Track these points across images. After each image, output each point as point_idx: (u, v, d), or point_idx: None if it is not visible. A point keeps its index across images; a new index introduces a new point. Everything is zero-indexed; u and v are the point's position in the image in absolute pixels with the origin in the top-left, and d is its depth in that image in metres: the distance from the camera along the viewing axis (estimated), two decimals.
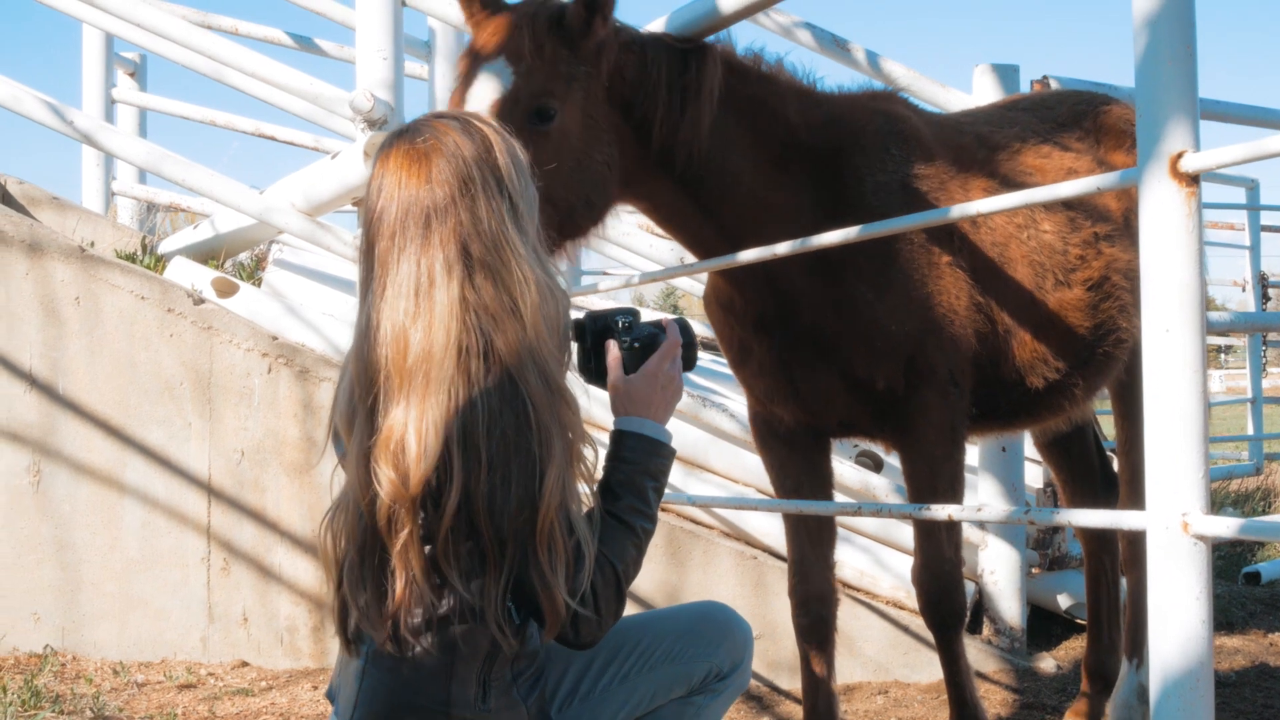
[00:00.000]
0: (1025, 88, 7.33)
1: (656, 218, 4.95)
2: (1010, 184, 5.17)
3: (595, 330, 3.70)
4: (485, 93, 4.27)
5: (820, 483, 5.35)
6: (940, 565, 5.11)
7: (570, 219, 4.40)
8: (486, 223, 3.30)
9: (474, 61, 4.37)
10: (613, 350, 3.67)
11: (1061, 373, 5.28)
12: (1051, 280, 5.17)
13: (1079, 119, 5.80)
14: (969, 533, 7.59)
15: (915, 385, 4.85)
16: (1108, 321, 5.36)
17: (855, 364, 4.83)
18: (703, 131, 4.59)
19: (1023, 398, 5.31)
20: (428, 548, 3.25)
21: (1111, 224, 5.40)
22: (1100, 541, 6.48)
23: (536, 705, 3.55)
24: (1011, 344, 5.10)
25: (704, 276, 5.86)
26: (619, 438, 3.58)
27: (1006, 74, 7.48)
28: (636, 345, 3.67)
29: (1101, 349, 5.40)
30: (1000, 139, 5.41)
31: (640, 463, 3.53)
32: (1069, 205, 5.30)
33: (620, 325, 3.69)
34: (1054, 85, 7.26)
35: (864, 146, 4.89)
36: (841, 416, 5.10)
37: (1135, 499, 6.06)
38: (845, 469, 7.53)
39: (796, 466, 5.31)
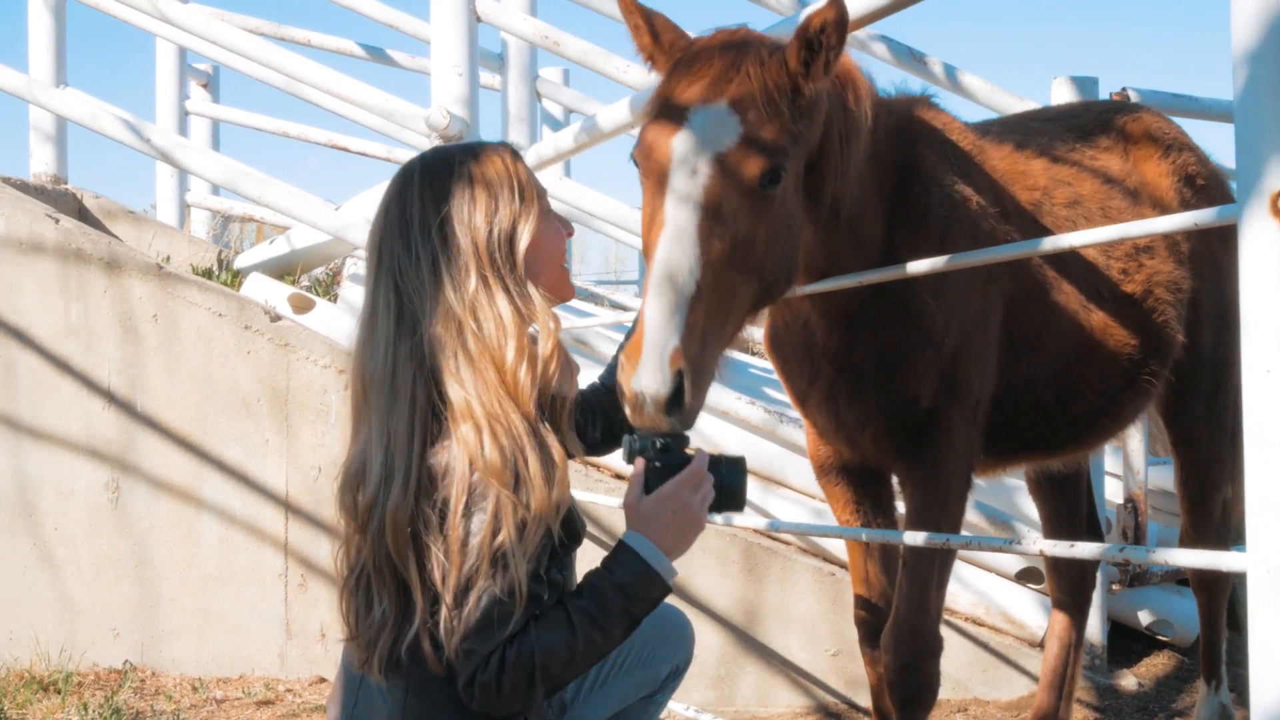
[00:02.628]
0: (1104, 99, 7.25)
1: None
2: (1052, 194, 5.04)
3: (632, 449, 3.59)
4: (707, 142, 3.67)
5: (884, 517, 5.16)
6: (925, 623, 4.70)
7: (767, 295, 3.92)
8: (412, 261, 3.50)
9: (684, 100, 3.77)
10: (637, 466, 3.56)
11: (1106, 396, 5.15)
12: (1095, 299, 5.01)
13: (1105, 128, 5.66)
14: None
15: (945, 405, 4.62)
16: (1151, 340, 5.19)
17: (905, 381, 4.57)
18: (857, 170, 4.30)
19: (1069, 424, 5.18)
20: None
21: (1149, 235, 5.18)
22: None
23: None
24: (1056, 367, 4.96)
25: None
26: (616, 547, 3.49)
27: (1085, 86, 7.39)
28: (658, 465, 3.53)
29: (1147, 368, 5.23)
30: (1034, 147, 5.26)
31: (617, 576, 3.40)
32: (1108, 218, 5.14)
33: (655, 445, 3.56)
34: (1133, 97, 7.18)
35: (928, 158, 4.66)
36: (873, 440, 4.76)
37: (1198, 532, 5.96)
38: None
39: (864, 504, 5.12)
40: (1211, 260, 5.62)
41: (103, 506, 7.54)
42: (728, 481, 3.63)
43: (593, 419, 4.18)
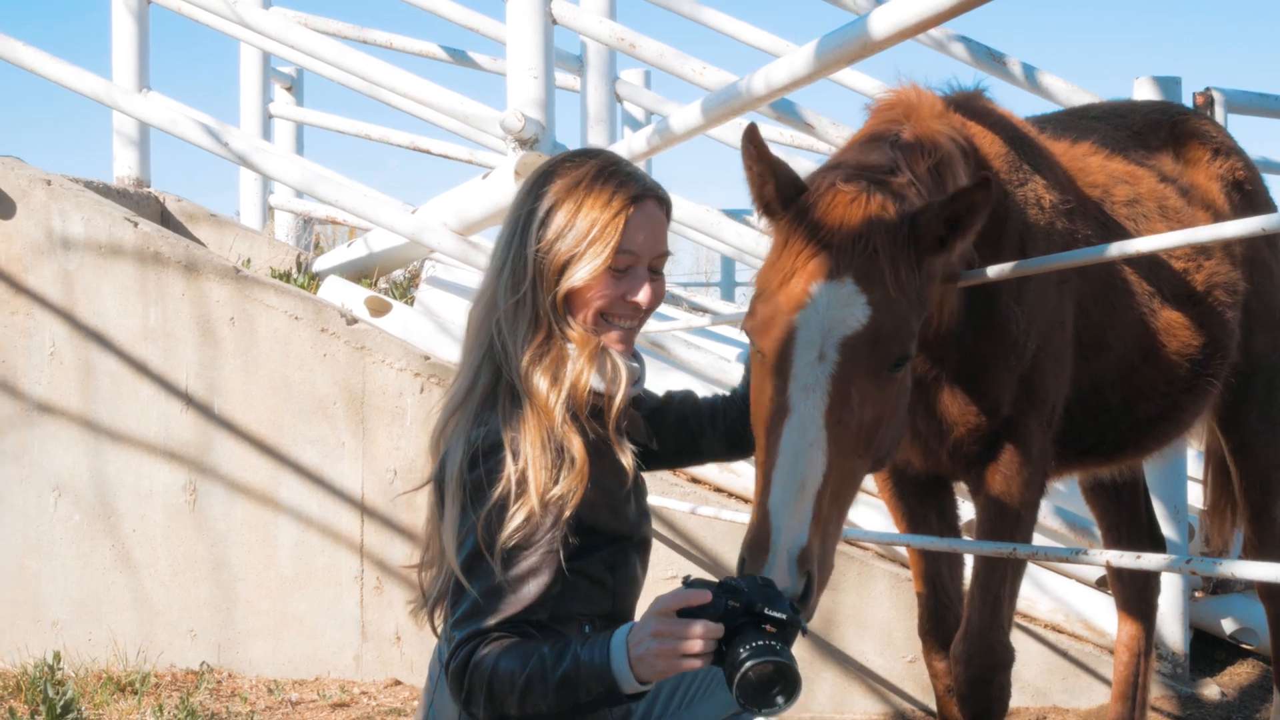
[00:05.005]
0: (1188, 100, 7.16)
1: None
2: (1112, 191, 4.96)
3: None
4: (834, 324, 3.51)
5: (948, 525, 5.08)
6: (997, 635, 4.59)
7: (876, 468, 3.79)
8: (499, 241, 3.71)
9: (805, 273, 3.59)
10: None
11: (1169, 398, 5.07)
12: (1159, 299, 4.93)
13: (1154, 129, 5.59)
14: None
15: (1023, 412, 4.53)
16: (1212, 341, 5.12)
17: (989, 390, 4.47)
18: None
19: (1131, 428, 5.10)
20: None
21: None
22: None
23: None
24: (1121, 368, 4.88)
25: None
26: (607, 635, 3.31)
27: (1168, 86, 7.29)
28: (691, 580, 3.24)
29: (1208, 370, 5.16)
30: (1088, 144, 5.16)
31: (583, 651, 3.25)
32: (1166, 218, 5.07)
33: (729, 582, 3.21)
34: (1217, 97, 7.09)
35: (1000, 159, 4.53)
36: (950, 451, 4.63)
37: (1262, 541, 5.86)
38: None
39: (928, 513, 5.02)
40: (1262, 265, 5.56)
41: (181, 508, 7.58)
42: (743, 660, 3.09)
43: (713, 427, 4.12)
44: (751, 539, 3.38)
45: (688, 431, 4.10)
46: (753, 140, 3.83)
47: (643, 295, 3.62)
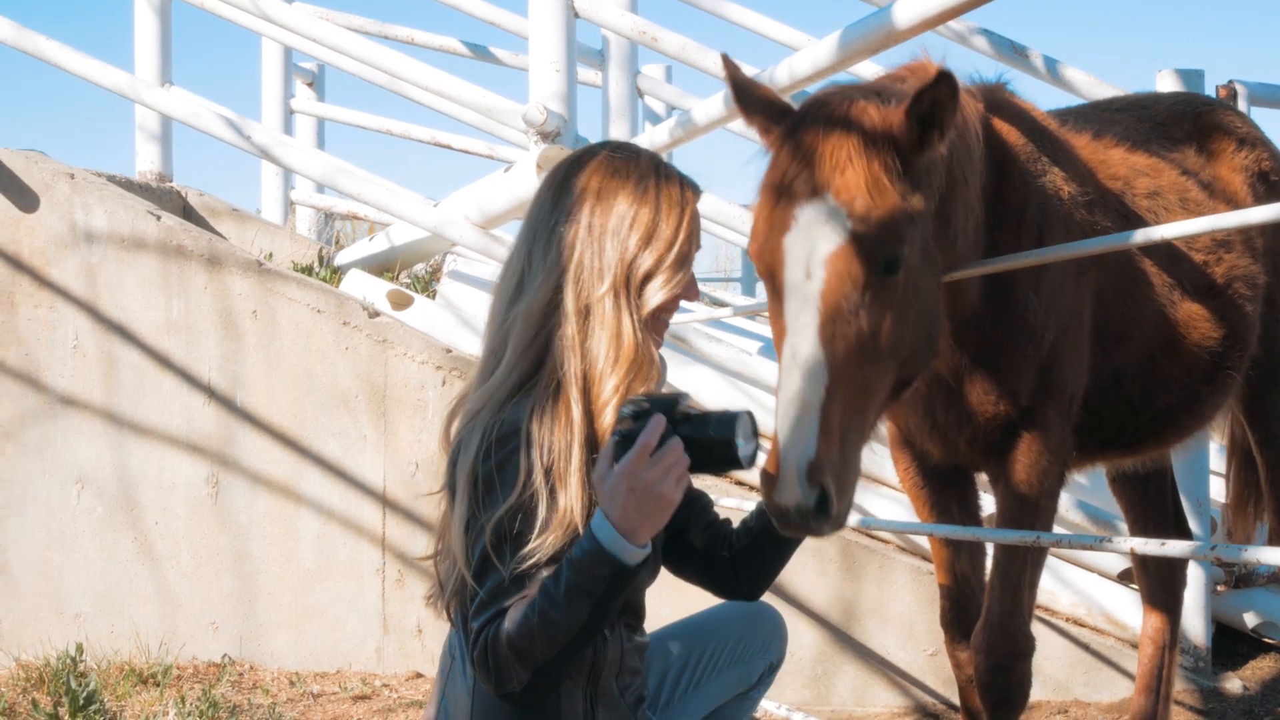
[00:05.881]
0: (1210, 93, 7.13)
1: None
2: (1133, 183, 4.94)
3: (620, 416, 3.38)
4: (817, 242, 3.52)
5: (969, 516, 5.07)
6: (1017, 624, 4.61)
7: (910, 369, 3.80)
8: (549, 226, 3.56)
9: (789, 196, 3.59)
10: (607, 442, 3.34)
11: (1189, 390, 5.05)
12: (1179, 291, 4.92)
13: (1178, 120, 5.55)
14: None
15: (1041, 402, 4.52)
16: (1231, 333, 5.10)
17: (1005, 380, 4.48)
18: (978, 197, 4.19)
19: (1151, 419, 5.09)
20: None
21: (1228, 230, 5.06)
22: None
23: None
24: (1141, 360, 4.88)
25: None
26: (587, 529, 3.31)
27: (1191, 79, 7.25)
28: (618, 439, 3.29)
29: (1228, 362, 5.13)
30: (1110, 136, 5.14)
31: (573, 553, 3.26)
32: (1187, 210, 5.04)
33: (626, 412, 3.33)
34: (1239, 90, 7.06)
35: (1018, 149, 4.52)
36: (968, 440, 4.64)
37: None
38: None
39: (949, 503, 5.01)
40: None
41: (203, 501, 7.60)
42: (715, 435, 3.33)
43: (728, 549, 3.98)
44: (767, 461, 3.40)
45: (684, 512, 3.92)
46: (729, 70, 3.94)
47: (695, 291, 3.64)
